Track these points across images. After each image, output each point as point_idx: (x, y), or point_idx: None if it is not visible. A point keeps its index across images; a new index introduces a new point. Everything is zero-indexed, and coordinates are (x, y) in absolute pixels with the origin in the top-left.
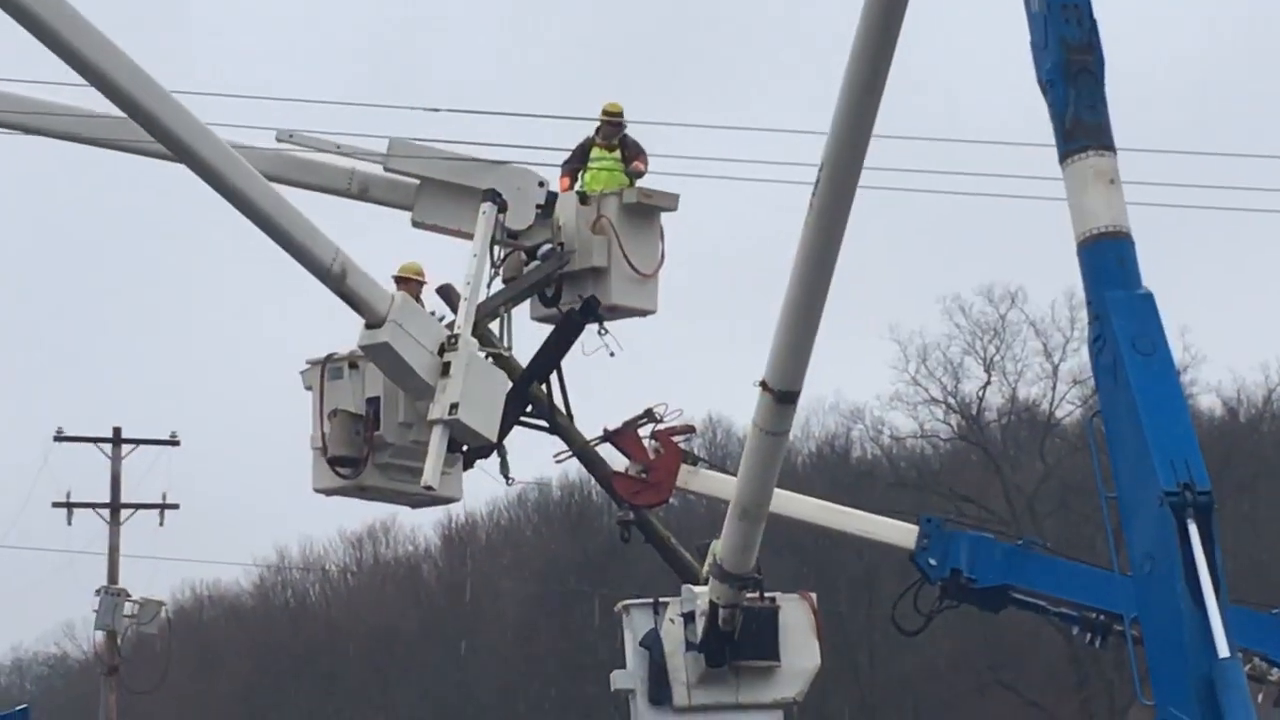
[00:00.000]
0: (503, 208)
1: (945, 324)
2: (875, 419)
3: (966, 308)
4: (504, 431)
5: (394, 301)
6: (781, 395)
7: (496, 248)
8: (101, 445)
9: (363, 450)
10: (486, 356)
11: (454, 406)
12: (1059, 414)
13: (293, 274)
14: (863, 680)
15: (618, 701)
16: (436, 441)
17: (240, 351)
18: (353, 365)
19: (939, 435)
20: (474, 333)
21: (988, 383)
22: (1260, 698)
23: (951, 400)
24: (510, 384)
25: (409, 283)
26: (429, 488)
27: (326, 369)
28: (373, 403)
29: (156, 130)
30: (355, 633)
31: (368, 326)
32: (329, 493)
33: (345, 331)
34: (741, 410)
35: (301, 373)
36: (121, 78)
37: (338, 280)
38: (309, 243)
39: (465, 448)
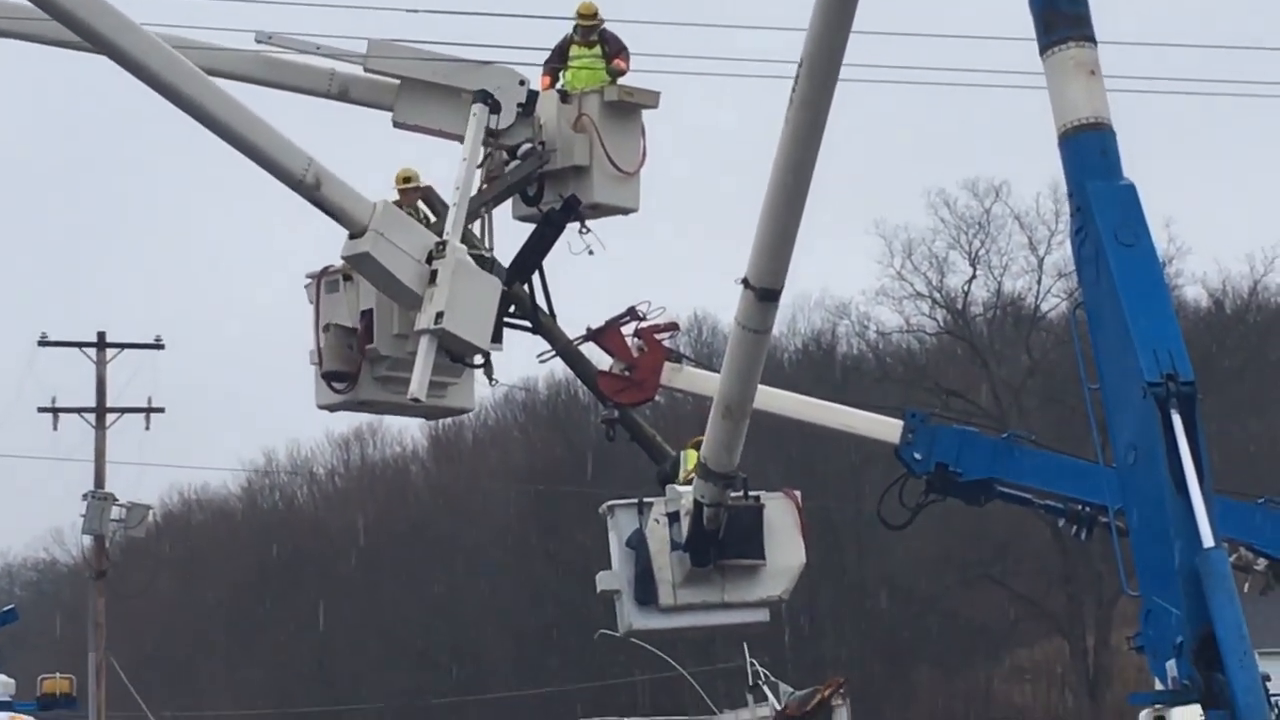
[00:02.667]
0: (495, 109)
1: (930, 218)
2: (861, 314)
3: (951, 202)
4: (497, 335)
5: (376, 210)
6: (763, 293)
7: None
8: (86, 350)
9: (356, 364)
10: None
11: (440, 316)
12: (1044, 307)
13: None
14: (850, 576)
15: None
16: (424, 352)
17: (225, 255)
18: (347, 278)
19: (924, 330)
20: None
21: (973, 277)
22: (1246, 587)
23: (937, 295)
24: (502, 289)
25: (409, 192)
26: (415, 400)
27: (323, 282)
28: (366, 315)
29: (100, 44)
30: (343, 535)
31: (350, 237)
32: (331, 408)
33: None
34: (726, 308)
35: (305, 287)
36: None
37: (311, 190)
38: (277, 154)
39: (481, 358)
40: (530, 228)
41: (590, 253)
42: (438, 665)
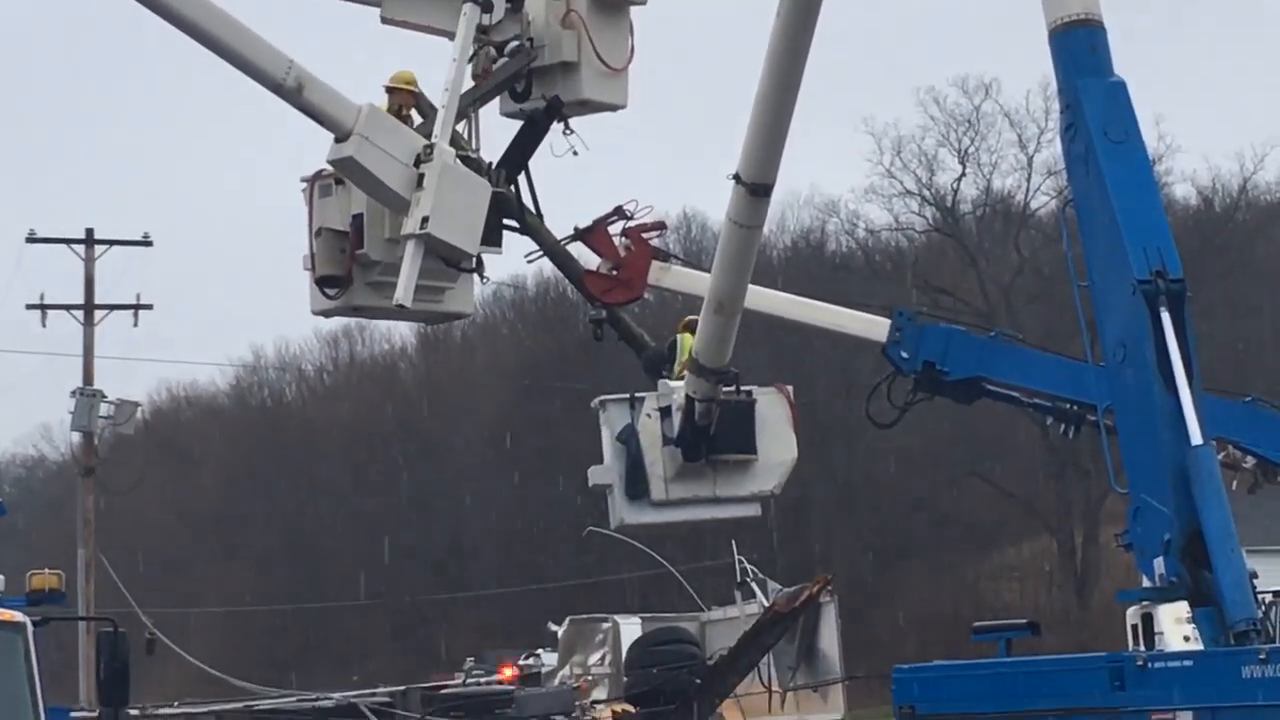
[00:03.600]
0: (486, 7)
1: (920, 116)
2: (850, 212)
3: (941, 99)
4: (491, 237)
5: (361, 113)
6: (754, 188)
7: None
8: (74, 246)
9: (348, 269)
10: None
11: (425, 220)
12: (1034, 205)
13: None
14: (840, 473)
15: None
16: (410, 257)
17: (218, 153)
18: (339, 181)
19: (914, 228)
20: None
21: (962, 174)
22: (1234, 485)
23: (926, 193)
24: (491, 191)
25: (399, 93)
26: (400, 306)
27: (316, 185)
28: (357, 219)
29: None
30: (332, 432)
31: (335, 141)
32: (325, 314)
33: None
34: (716, 205)
35: (301, 190)
36: None
37: (293, 94)
38: (256, 57)
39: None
40: (517, 125)
41: (574, 153)
42: (426, 562)
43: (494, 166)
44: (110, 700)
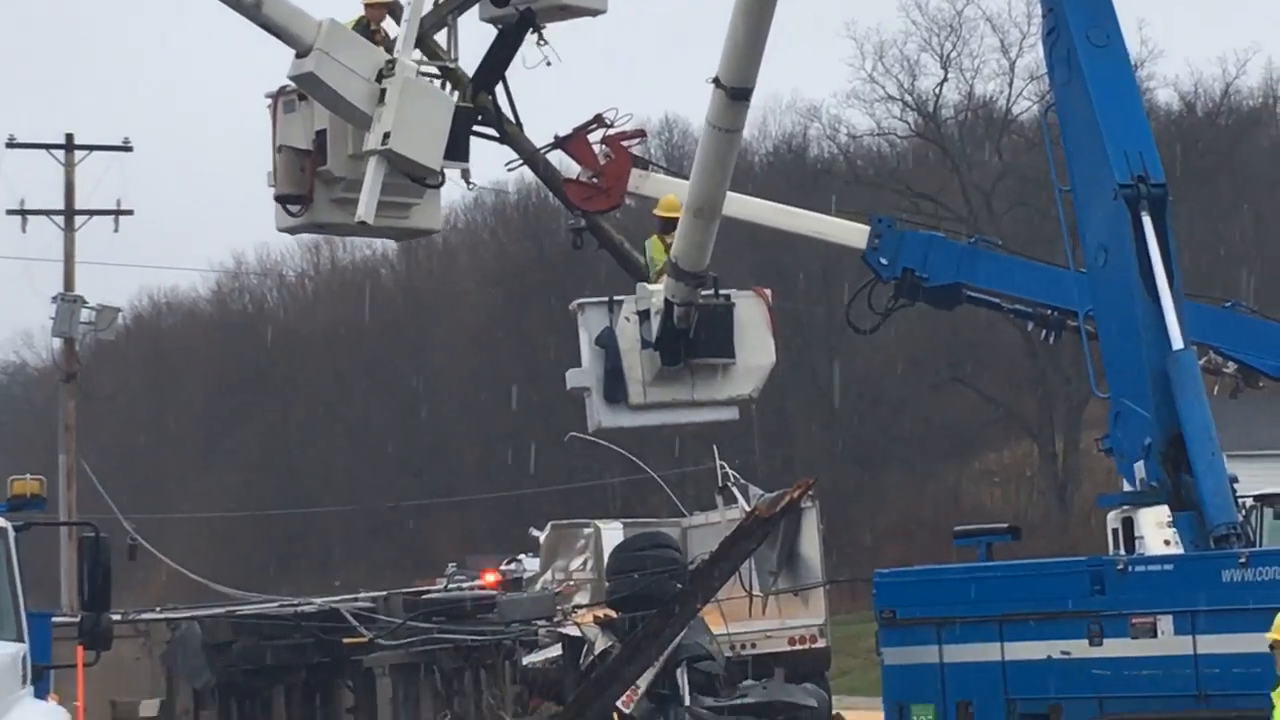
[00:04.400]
0: None
1: (902, 20)
2: (832, 117)
3: (923, 4)
4: (457, 151)
5: (321, 28)
6: (734, 92)
7: None
8: (54, 152)
9: (309, 187)
10: (428, 75)
11: (387, 136)
12: (1016, 110)
13: None
14: (821, 378)
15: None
16: (372, 174)
17: (196, 56)
18: (303, 97)
19: (895, 133)
20: (422, 47)
21: (944, 79)
22: (1215, 390)
23: (908, 98)
24: (455, 105)
25: (374, 8)
26: (362, 223)
27: (280, 101)
28: (320, 135)
29: None
30: (314, 338)
31: (296, 57)
32: (290, 231)
33: None
34: (698, 110)
35: (266, 106)
36: None
37: (252, 10)
38: None
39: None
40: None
41: (548, 64)
42: (407, 468)
43: (471, 77)
44: (92, 605)
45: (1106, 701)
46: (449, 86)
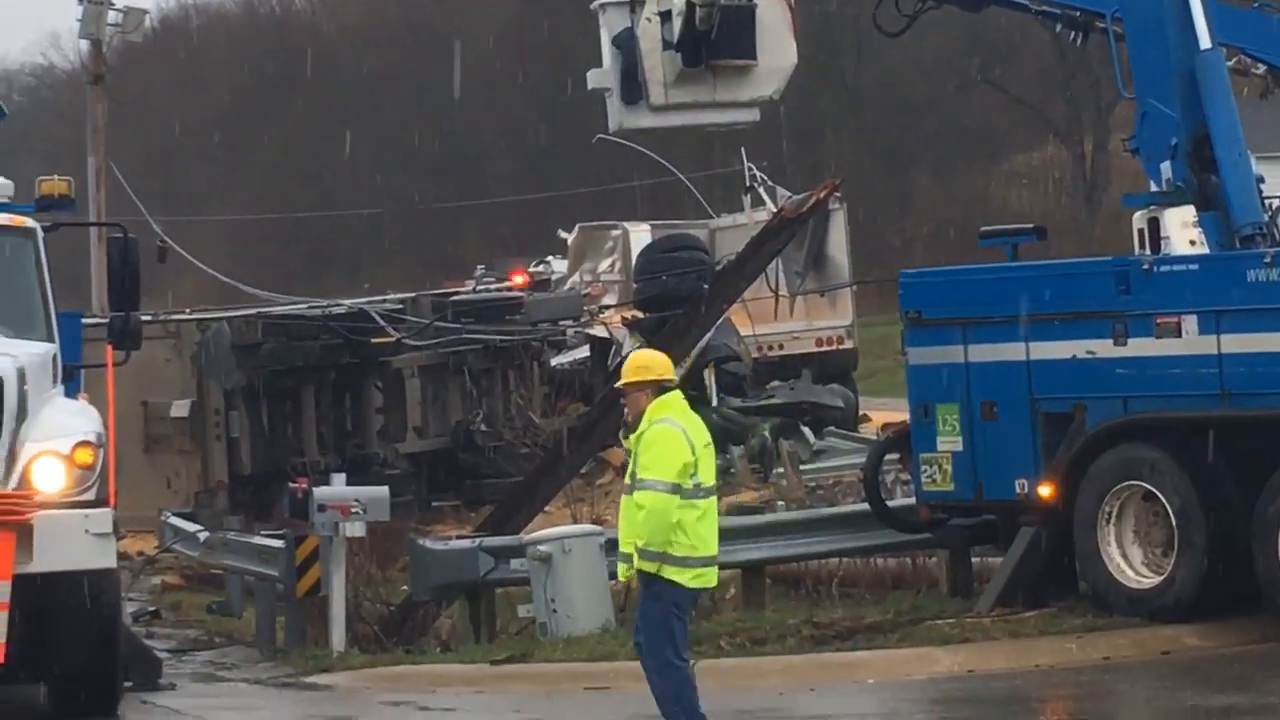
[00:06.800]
0: None
1: None
2: None
3: None
4: None
5: None
6: None
7: None
8: None
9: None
10: None
11: None
12: None
13: None
14: (848, 80)
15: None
16: None
17: None
18: None
19: None
20: None
21: None
22: (1244, 92)
23: None
24: None
25: None
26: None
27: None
28: None
29: None
30: (340, 39)
31: None
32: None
33: None
34: None
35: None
36: None
37: None
38: None
39: None
40: None
41: None
42: (435, 169)
43: None
44: (121, 305)
45: (1131, 400)
46: None
